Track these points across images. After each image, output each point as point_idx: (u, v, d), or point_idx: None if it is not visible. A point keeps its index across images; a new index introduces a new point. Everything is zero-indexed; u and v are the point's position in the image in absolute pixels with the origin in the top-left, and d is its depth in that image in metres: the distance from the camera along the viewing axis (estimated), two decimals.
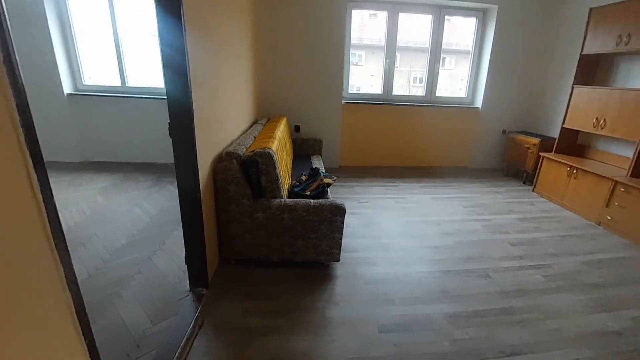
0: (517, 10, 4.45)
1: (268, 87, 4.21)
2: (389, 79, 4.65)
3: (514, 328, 1.86)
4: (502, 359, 1.65)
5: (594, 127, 3.53)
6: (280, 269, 2.27)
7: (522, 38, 4.60)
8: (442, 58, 4.79)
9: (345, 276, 2.25)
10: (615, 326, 1.92)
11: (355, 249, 2.59)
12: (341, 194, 3.71)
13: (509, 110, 4.95)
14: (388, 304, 1.99)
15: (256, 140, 2.60)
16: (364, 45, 5.25)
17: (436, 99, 4.88)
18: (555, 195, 3.89)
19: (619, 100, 3.28)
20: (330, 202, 2.15)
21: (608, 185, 3.21)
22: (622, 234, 3.08)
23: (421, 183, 4.28)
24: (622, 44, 3.23)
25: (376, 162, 4.94)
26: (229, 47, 2.56)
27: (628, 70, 3.51)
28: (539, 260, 2.59)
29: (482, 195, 3.96)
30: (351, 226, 2.94)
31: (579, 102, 3.72)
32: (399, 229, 2.98)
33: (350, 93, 4.68)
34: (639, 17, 3.06)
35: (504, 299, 2.11)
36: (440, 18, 4.53)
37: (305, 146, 4.25)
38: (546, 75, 4.68)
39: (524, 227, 3.18)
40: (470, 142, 5.07)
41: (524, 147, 4.52)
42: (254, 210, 2.12)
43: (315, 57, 4.20)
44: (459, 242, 2.80)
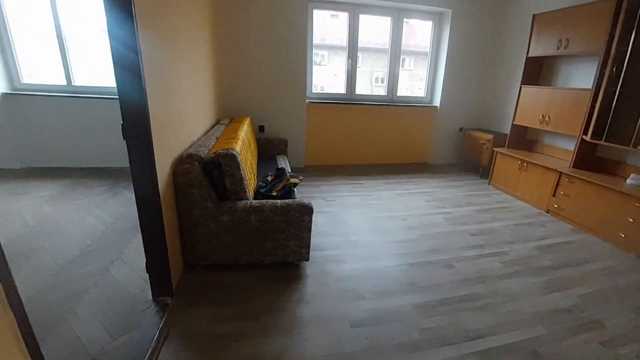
0: (469, 15, 4.72)
1: (230, 86, 4.11)
2: (352, 78, 4.73)
3: (476, 313, 1.97)
4: (467, 342, 1.74)
5: (540, 123, 3.83)
6: (249, 272, 2.22)
7: (475, 41, 4.88)
8: (401, 59, 4.95)
9: (316, 275, 2.25)
10: (565, 304, 2.10)
11: (324, 247, 2.60)
12: (308, 193, 3.71)
13: (465, 108, 5.23)
14: (358, 299, 2.02)
15: (219, 141, 2.52)
16: (327, 46, 5.29)
17: (397, 99, 5.04)
18: (508, 187, 4.17)
19: (561, 99, 3.58)
20: (298, 202, 2.14)
21: (554, 177, 3.51)
22: (568, 220, 3.37)
23: (386, 180, 4.40)
24: (562, 48, 3.53)
25: (342, 161, 5.01)
26: (186, 45, 2.46)
27: (568, 72, 3.85)
28: (496, 248, 2.76)
29: (443, 190, 4.15)
30: (319, 225, 2.94)
31: (527, 101, 4.02)
32: (366, 225, 3.04)
33: (314, 92, 4.69)
34: (576, 24, 3.36)
35: (467, 286, 2.22)
36: (399, 20, 4.68)
37: (270, 146, 4.20)
38: (497, 76, 5.00)
39: (482, 218, 3.37)
40: (430, 139, 5.30)
41: (479, 143, 4.80)
42: (218, 213, 2.06)
43: (277, 57, 4.16)
44: (423, 235, 2.91)
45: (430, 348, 1.69)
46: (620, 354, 1.72)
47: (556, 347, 1.74)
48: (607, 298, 2.18)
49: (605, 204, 3.00)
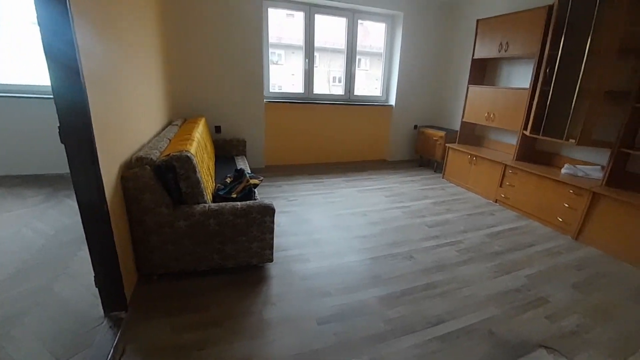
0: (420, 18, 4.94)
1: (182, 85, 3.91)
2: (310, 78, 4.74)
3: (437, 300, 2.06)
4: (429, 328, 1.81)
5: (486, 120, 4.12)
6: (211, 278, 2.13)
7: (426, 43, 5.13)
8: (357, 59, 5.06)
9: (280, 275, 2.22)
10: (514, 285, 2.27)
11: (288, 247, 2.57)
12: (269, 193, 3.66)
13: (418, 107, 5.47)
14: (324, 297, 2.02)
15: (172, 143, 2.39)
16: (283, 45, 5.26)
17: (355, 98, 5.14)
18: (460, 180, 4.43)
19: (504, 98, 3.88)
20: (259, 203, 2.09)
21: (500, 169, 3.79)
22: (513, 208, 3.66)
23: (346, 177, 4.46)
24: (502, 51, 3.82)
25: (302, 160, 5.00)
26: (133, 40, 2.30)
27: (509, 73, 4.18)
28: (452, 237, 2.92)
29: (401, 185, 4.30)
30: (282, 225, 2.91)
31: (474, 99, 4.30)
32: (329, 223, 3.06)
33: (272, 92, 4.64)
34: (514, 29, 3.65)
35: (427, 275, 2.32)
36: (354, 22, 4.77)
37: (228, 147, 4.07)
38: (447, 76, 5.30)
39: (438, 210, 3.54)
40: (387, 137, 5.47)
41: (432, 140, 5.04)
42: (174, 218, 1.95)
43: (233, 56, 4.05)
44: (384, 229, 2.99)
45: (396, 337, 1.73)
46: (563, 326, 1.90)
47: (508, 325, 1.87)
48: (550, 276, 2.40)
49: (545, 192, 3.30)
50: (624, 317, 2.01)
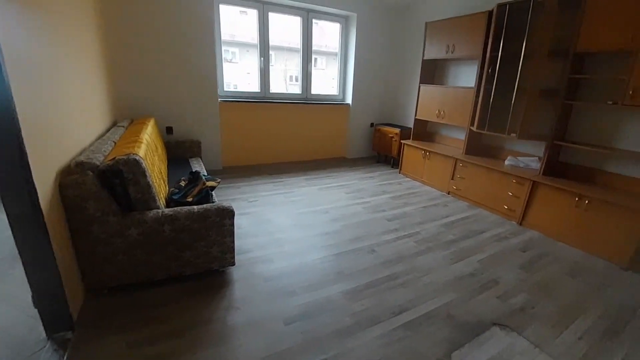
0: (373, 19, 5.08)
1: (129, 84, 3.64)
2: (266, 77, 4.66)
3: (398, 290, 2.13)
4: (393, 318, 1.87)
5: (437, 117, 4.34)
6: (169, 287, 2.01)
7: (379, 43, 5.29)
8: (314, 58, 5.08)
9: (243, 278, 2.15)
10: (468, 270, 2.41)
11: (250, 249, 2.51)
12: (228, 195, 3.54)
13: (374, 105, 5.63)
14: (290, 296, 2.00)
15: (117, 145, 2.21)
16: (237, 43, 5.13)
17: (312, 97, 5.15)
18: (416, 175, 4.63)
19: (452, 96, 4.11)
20: (217, 206, 2.01)
21: (451, 163, 4.01)
22: (465, 198, 3.89)
23: (306, 176, 4.46)
24: (449, 52, 4.05)
25: (261, 160, 4.91)
26: (69, 32, 2.09)
27: (456, 73, 4.44)
28: (410, 229, 3.03)
29: (360, 181, 4.39)
30: (243, 227, 2.83)
31: (425, 98, 4.51)
32: (291, 222, 3.03)
33: (227, 91, 4.49)
34: (459, 32, 3.88)
35: (388, 267, 2.38)
36: (309, 21, 4.78)
37: (182, 149, 3.88)
38: (400, 76, 5.50)
39: (396, 203, 3.66)
40: (345, 135, 5.56)
41: (388, 137, 5.21)
42: (124, 227, 1.81)
43: (183, 53, 3.85)
44: (345, 225, 3.03)
45: (362, 330, 1.76)
46: (512, 304, 2.05)
47: (465, 307, 1.99)
48: (499, 260, 2.58)
49: (491, 182, 3.55)
50: (563, 291, 2.22)
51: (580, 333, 1.84)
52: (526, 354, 1.67)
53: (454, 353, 1.65)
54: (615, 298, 2.18)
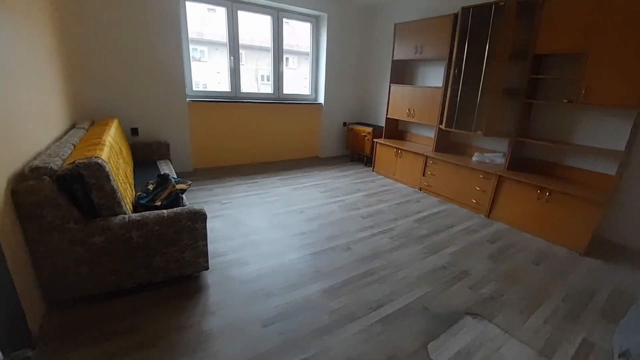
0: (344, 20, 5.12)
1: (88, 83, 3.43)
2: (236, 76, 4.57)
3: (375, 285, 2.15)
4: (371, 313, 1.89)
5: (407, 116, 4.44)
6: (140, 295, 1.91)
7: (350, 43, 5.34)
8: (285, 58, 5.04)
9: (218, 282, 2.09)
10: (441, 263, 2.49)
11: (225, 252, 2.44)
12: (200, 198, 3.44)
13: (347, 105, 5.68)
14: (267, 298, 1.97)
15: (77, 148, 2.07)
16: (206, 41, 4.98)
17: (284, 96, 5.12)
18: (389, 172, 4.72)
19: (421, 95, 4.22)
20: (188, 209, 1.94)
21: (422, 160, 4.12)
22: (436, 194, 4.01)
23: (280, 176, 4.42)
24: (418, 53, 4.16)
25: (234, 161, 4.81)
26: (19, 30, 1.94)
27: (424, 73, 4.56)
28: (384, 226, 3.08)
29: (335, 180, 4.42)
30: (216, 230, 2.76)
31: (396, 97, 4.61)
32: (266, 223, 2.99)
33: (196, 91, 4.36)
34: (427, 33, 4.00)
35: (364, 264, 2.41)
36: (279, 20, 4.73)
37: (149, 151, 3.71)
38: (371, 76, 5.59)
39: (370, 201, 3.71)
40: (318, 134, 5.57)
41: (361, 136, 5.28)
42: (87, 234, 1.70)
43: (147, 51, 3.68)
44: (321, 224, 3.03)
45: (341, 327, 1.76)
46: (483, 293, 2.14)
47: (439, 299, 2.05)
48: (469, 252, 2.68)
49: (460, 178, 3.68)
50: (529, 278, 2.35)
51: (545, 317, 1.95)
52: (497, 340, 1.75)
53: (430, 344, 1.69)
54: (575, 283, 2.33)
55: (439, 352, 1.64)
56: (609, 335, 1.83)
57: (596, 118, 2.96)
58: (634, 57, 2.44)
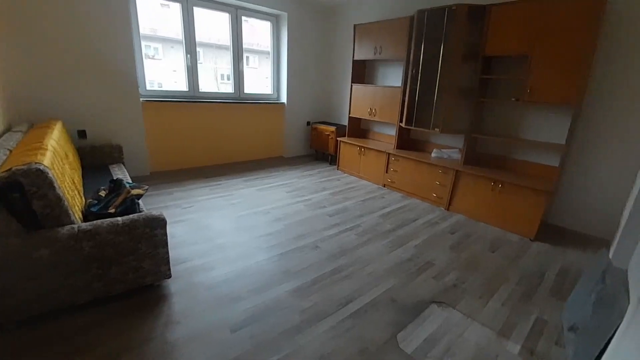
0: (303, 19, 5.11)
1: (25, 82, 3.11)
2: (194, 75, 4.39)
3: (344, 282, 2.17)
4: (341, 309, 1.90)
5: (369, 115, 4.54)
6: (96, 310, 1.77)
7: (311, 43, 5.35)
8: (245, 57, 4.93)
9: (182, 290, 1.99)
10: (406, 255, 2.57)
11: (188, 258, 2.34)
12: (159, 203, 3.26)
13: (309, 104, 5.68)
14: (236, 302, 1.91)
15: (14, 154, 1.87)
16: (160, 38, 4.73)
17: (245, 96, 5.01)
18: (353, 170, 4.79)
19: (382, 95, 4.33)
20: (145, 215, 1.83)
21: (384, 157, 4.23)
22: (399, 189, 4.14)
23: (245, 177, 4.33)
24: (377, 53, 4.26)
25: (195, 163, 4.63)
26: None
27: (384, 73, 4.69)
28: (351, 223, 3.12)
29: (300, 179, 4.40)
30: (178, 236, 2.63)
31: (357, 97, 4.69)
32: (232, 225, 2.90)
33: (151, 90, 4.12)
34: (386, 35, 4.11)
35: (333, 261, 2.42)
36: (238, 18, 4.62)
37: (99, 155, 3.45)
38: (333, 75, 5.64)
39: (336, 199, 3.75)
40: (282, 134, 5.52)
41: (325, 135, 5.31)
42: (31, 248, 1.54)
43: (94, 48, 3.41)
44: (288, 224, 3.00)
45: (312, 325, 1.76)
46: (446, 282, 2.24)
47: (406, 291, 2.11)
48: (432, 243, 2.80)
49: (421, 173, 3.83)
50: (486, 265, 2.49)
51: (503, 300, 2.08)
52: (460, 324, 1.84)
53: (399, 334, 1.74)
54: (527, 266, 2.52)
55: (407, 341, 1.69)
56: (559, 312, 2.00)
57: (540, 114, 3.22)
58: (569, 60, 2.68)
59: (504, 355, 1.65)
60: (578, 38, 2.61)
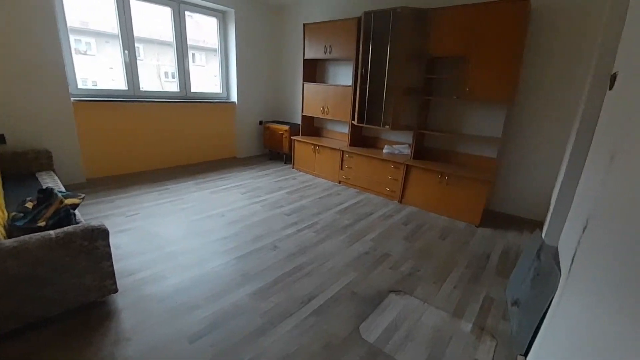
0: (252, 16, 5.00)
1: None
2: (133, 72, 4.08)
3: (305, 280, 2.16)
4: (304, 307, 1.89)
5: (322, 113, 4.58)
6: (31, 335, 1.56)
7: (261, 41, 5.25)
8: (191, 54, 4.69)
9: (132, 304, 1.84)
10: (364, 249, 2.63)
11: (136, 269, 2.16)
12: (99, 212, 2.98)
13: (261, 103, 5.58)
14: (192, 311, 1.80)
15: None
16: (92, 32, 4.30)
17: (193, 95, 4.77)
18: (308, 168, 4.80)
19: (334, 93, 4.39)
20: (83, 227, 1.65)
21: (339, 155, 4.30)
22: (354, 185, 4.23)
23: (196, 180, 4.12)
24: (327, 53, 4.30)
25: (138, 167, 4.30)
26: None
27: (335, 72, 4.75)
28: (308, 221, 3.12)
29: (255, 180, 4.31)
30: (123, 246, 2.43)
31: (309, 95, 4.70)
32: (183, 231, 2.75)
33: (83, 89, 3.74)
34: (335, 35, 4.16)
35: (292, 260, 2.40)
36: (181, 13, 4.38)
37: (23, 162, 3.05)
38: (285, 74, 5.59)
39: (293, 198, 3.72)
40: (234, 134, 5.35)
41: (278, 134, 5.25)
42: None
43: (11, 42, 3.00)
44: (245, 226, 2.92)
45: (275, 326, 1.72)
46: (402, 271, 2.33)
47: (366, 283, 2.16)
48: (388, 235, 2.90)
49: (374, 169, 3.95)
50: (438, 252, 2.65)
51: (454, 283, 2.23)
52: (418, 310, 1.93)
53: (362, 325, 1.77)
54: (474, 250, 2.72)
55: (369, 331, 1.73)
56: (503, 289, 2.19)
57: (480, 111, 3.49)
58: (502, 60, 2.95)
59: (458, 334, 1.76)
60: (509, 40, 2.88)
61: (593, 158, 1.60)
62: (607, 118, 1.50)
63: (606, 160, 1.17)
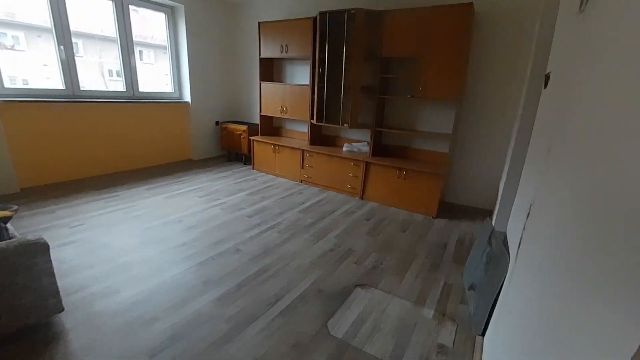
0: (204, 13, 4.81)
1: None
2: (71, 70, 3.73)
3: (270, 281, 2.13)
4: (270, 309, 1.87)
5: (280, 112, 4.53)
6: None
7: (214, 38, 5.07)
8: (138, 51, 4.40)
9: (82, 322, 1.68)
10: (328, 246, 2.65)
11: (85, 284, 1.98)
12: (37, 224, 2.69)
13: (217, 103, 5.39)
14: (151, 324, 1.69)
15: None
16: (21, 25, 3.84)
17: (141, 95, 4.48)
18: (269, 169, 4.74)
19: (292, 93, 4.36)
20: (18, 242, 1.48)
21: (299, 154, 4.29)
22: (315, 184, 4.25)
23: (148, 185, 3.88)
24: (284, 52, 4.26)
25: (82, 174, 3.95)
26: None
27: (292, 71, 4.72)
28: (271, 221, 3.08)
29: (214, 182, 4.16)
30: (68, 260, 2.21)
31: (267, 95, 4.63)
32: (137, 240, 2.57)
33: (11, 88, 3.34)
34: (291, 34, 4.13)
35: (256, 262, 2.35)
36: (124, 7, 4.08)
37: None
38: (241, 73, 5.45)
39: (254, 199, 3.65)
40: (188, 135, 5.12)
41: (236, 134, 5.11)
42: None
43: None
44: (204, 230, 2.81)
45: (241, 331, 1.68)
46: (366, 265, 2.39)
47: (332, 279, 2.18)
48: (351, 232, 2.95)
49: (335, 167, 4.00)
50: (399, 245, 2.75)
51: (416, 273, 2.32)
52: (383, 301, 1.98)
53: (329, 321, 1.78)
54: (432, 240, 2.86)
55: (337, 327, 1.75)
56: (460, 275, 2.32)
57: (432, 109, 3.68)
58: (450, 60, 3.12)
59: (421, 321, 1.84)
60: (455, 42, 3.06)
61: (533, 151, 1.76)
62: (543, 114, 1.65)
63: (544, 153, 1.28)
